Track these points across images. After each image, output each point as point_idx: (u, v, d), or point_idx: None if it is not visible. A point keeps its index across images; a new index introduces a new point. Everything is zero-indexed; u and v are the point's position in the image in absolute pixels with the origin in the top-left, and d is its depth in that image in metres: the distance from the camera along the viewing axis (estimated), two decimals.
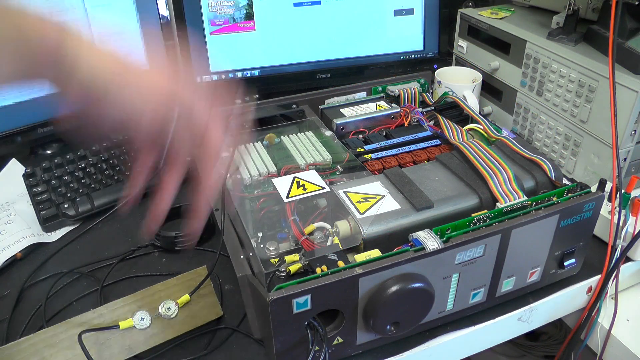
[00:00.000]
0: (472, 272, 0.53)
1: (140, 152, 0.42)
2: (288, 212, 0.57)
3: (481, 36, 0.94)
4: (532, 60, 0.82)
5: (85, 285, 0.65)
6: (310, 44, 1.02)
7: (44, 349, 0.53)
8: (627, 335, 0.65)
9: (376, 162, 0.67)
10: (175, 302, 0.57)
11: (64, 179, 0.77)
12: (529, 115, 0.85)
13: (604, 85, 0.69)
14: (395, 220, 0.54)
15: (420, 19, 1.05)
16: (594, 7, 0.81)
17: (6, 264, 0.67)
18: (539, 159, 0.61)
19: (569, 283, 0.63)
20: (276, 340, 0.46)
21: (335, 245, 0.53)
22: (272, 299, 0.43)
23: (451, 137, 0.70)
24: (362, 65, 1.05)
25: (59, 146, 0.94)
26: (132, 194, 0.42)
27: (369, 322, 0.49)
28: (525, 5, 0.97)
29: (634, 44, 0.69)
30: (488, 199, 0.57)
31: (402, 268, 0.48)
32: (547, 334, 1.26)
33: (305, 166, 0.66)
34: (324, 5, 0.99)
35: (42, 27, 0.35)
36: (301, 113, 0.79)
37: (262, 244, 0.55)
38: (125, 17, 0.89)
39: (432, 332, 0.56)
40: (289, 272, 0.49)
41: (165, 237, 0.69)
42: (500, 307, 0.59)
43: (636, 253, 0.65)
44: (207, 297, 0.59)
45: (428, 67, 1.04)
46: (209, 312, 0.58)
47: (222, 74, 1.00)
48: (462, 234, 0.50)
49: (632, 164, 0.73)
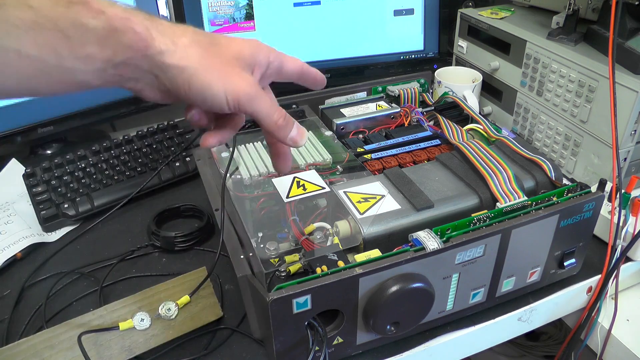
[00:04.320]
0: (472, 272, 0.53)
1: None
2: (288, 212, 0.57)
3: (481, 36, 0.94)
4: (532, 60, 0.82)
5: (85, 286, 0.65)
6: (310, 44, 1.02)
7: (44, 350, 0.53)
8: (627, 335, 0.65)
9: (376, 162, 0.67)
10: (175, 303, 0.57)
11: (64, 179, 0.77)
12: (529, 115, 0.85)
13: (604, 85, 0.69)
14: (395, 220, 0.54)
15: (420, 19, 1.05)
16: (594, 7, 0.81)
17: (6, 264, 0.67)
18: (539, 159, 0.61)
19: (569, 283, 0.63)
20: (276, 340, 0.46)
21: (335, 245, 0.53)
22: (272, 299, 0.43)
23: (451, 137, 0.70)
24: (362, 65, 1.05)
25: (59, 146, 0.94)
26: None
27: (369, 322, 0.49)
28: (525, 5, 0.97)
29: (634, 44, 0.69)
30: (488, 199, 0.57)
31: (402, 268, 0.48)
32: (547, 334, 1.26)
33: (305, 166, 0.65)
34: (324, 5, 0.99)
35: (130, 21, 0.33)
36: (301, 113, 0.79)
37: (262, 244, 0.55)
38: None
39: (432, 332, 0.56)
40: (289, 272, 0.49)
41: (165, 237, 0.69)
42: (500, 307, 0.59)
43: (636, 253, 0.65)
44: (207, 298, 0.59)
45: (428, 67, 1.04)
46: (209, 313, 0.58)
47: None
48: (462, 234, 0.50)
49: (632, 164, 0.73)
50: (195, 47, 0.36)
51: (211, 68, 0.36)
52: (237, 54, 0.38)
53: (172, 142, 0.87)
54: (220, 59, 0.37)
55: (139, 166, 0.82)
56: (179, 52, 0.35)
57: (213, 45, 0.37)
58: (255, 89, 0.38)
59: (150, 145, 0.85)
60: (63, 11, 0.31)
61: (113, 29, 0.32)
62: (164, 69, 0.35)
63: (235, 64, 0.38)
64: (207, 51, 0.36)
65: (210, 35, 0.38)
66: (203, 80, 0.35)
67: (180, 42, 0.35)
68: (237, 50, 0.38)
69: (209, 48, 0.37)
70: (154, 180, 0.80)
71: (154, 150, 0.85)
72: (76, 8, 0.31)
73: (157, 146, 0.86)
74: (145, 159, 0.83)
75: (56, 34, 0.31)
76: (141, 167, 0.82)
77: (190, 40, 0.36)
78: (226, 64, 0.37)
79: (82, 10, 0.32)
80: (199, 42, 0.36)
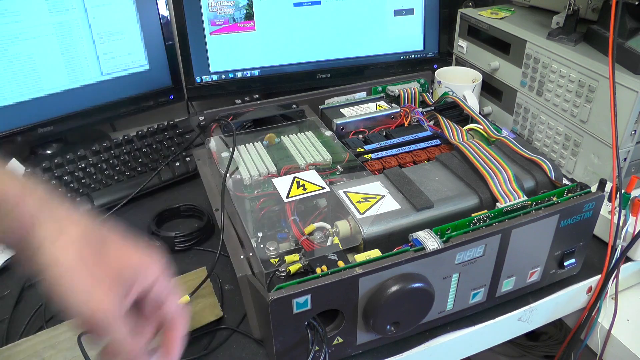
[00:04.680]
0: (472, 272, 0.53)
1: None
2: (288, 212, 0.57)
3: (481, 36, 0.94)
4: (532, 60, 0.82)
5: None
6: (310, 44, 1.02)
7: (44, 350, 0.53)
8: (627, 335, 0.65)
9: (376, 162, 0.67)
10: None
11: (64, 179, 0.77)
12: (529, 115, 0.85)
13: (604, 85, 0.69)
14: (395, 220, 0.54)
15: (420, 19, 1.05)
16: (594, 7, 0.81)
17: (6, 264, 0.67)
18: (539, 159, 0.61)
19: (569, 283, 0.63)
20: (276, 340, 0.46)
21: (335, 245, 0.53)
22: (272, 299, 0.43)
23: (451, 137, 0.70)
24: (362, 65, 1.05)
25: (59, 146, 0.94)
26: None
27: (369, 322, 0.49)
28: (525, 5, 0.97)
29: (634, 44, 0.69)
30: (488, 199, 0.57)
31: (402, 268, 0.48)
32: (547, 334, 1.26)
33: (305, 166, 0.65)
34: (324, 5, 0.99)
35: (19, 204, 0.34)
36: (301, 113, 0.79)
37: (262, 244, 0.55)
38: (125, 17, 0.89)
39: (432, 332, 0.56)
40: (289, 272, 0.49)
41: (165, 237, 0.69)
42: (500, 307, 0.59)
43: (636, 253, 0.65)
44: (207, 298, 0.59)
45: (428, 67, 1.04)
46: (209, 313, 0.58)
47: (222, 74, 1.00)
48: (462, 234, 0.50)
49: (632, 164, 0.73)
50: (76, 246, 0.34)
51: (81, 274, 0.34)
52: (119, 268, 0.36)
53: (172, 142, 0.87)
54: (98, 268, 0.35)
55: (139, 166, 0.82)
56: (58, 245, 0.34)
57: (98, 251, 0.36)
58: (113, 314, 0.35)
59: (150, 145, 0.85)
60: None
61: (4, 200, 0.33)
62: (38, 255, 0.34)
63: (110, 279, 0.35)
64: (87, 255, 0.35)
65: (102, 239, 0.37)
66: (68, 284, 0.34)
67: (65, 234, 0.34)
68: (121, 264, 0.37)
69: (91, 253, 0.35)
70: (154, 180, 0.80)
71: (154, 150, 0.85)
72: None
73: (157, 146, 0.86)
74: (145, 159, 0.83)
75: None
76: (141, 167, 0.82)
77: (76, 236, 0.35)
78: (100, 276, 0.35)
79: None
80: (86, 241, 0.35)
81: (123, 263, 0.37)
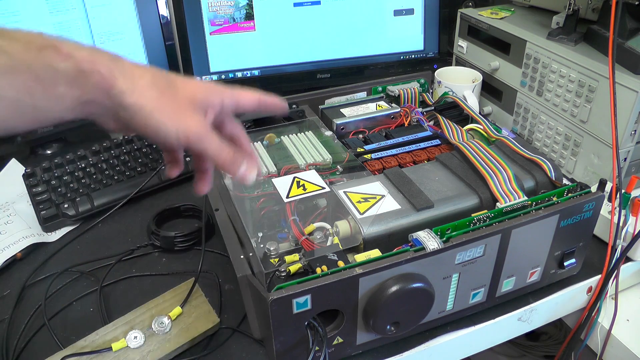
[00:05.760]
0: (472, 272, 0.53)
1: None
2: (288, 212, 0.57)
3: (481, 36, 0.94)
4: (532, 60, 0.82)
5: (85, 285, 0.65)
6: (310, 44, 1.02)
7: None
8: (627, 335, 0.65)
9: (376, 162, 0.67)
10: (168, 316, 0.56)
11: (64, 179, 0.77)
12: (529, 115, 0.85)
13: (604, 85, 0.69)
14: (395, 220, 0.54)
15: (420, 19, 1.05)
16: (594, 7, 0.81)
17: (6, 264, 0.67)
18: (539, 159, 0.61)
19: (569, 283, 0.63)
20: (276, 340, 0.46)
21: (335, 245, 0.53)
22: (272, 299, 0.43)
23: (451, 137, 0.70)
24: (362, 65, 1.05)
25: (59, 146, 0.94)
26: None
27: (369, 322, 0.49)
28: (525, 5, 0.97)
29: (634, 44, 0.69)
30: (488, 199, 0.57)
31: (402, 268, 0.48)
32: (547, 334, 1.26)
33: (305, 166, 0.65)
34: (324, 5, 0.99)
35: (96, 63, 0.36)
36: (301, 113, 0.79)
37: (262, 244, 0.55)
38: (125, 17, 0.89)
39: (432, 332, 0.56)
40: (289, 272, 0.49)
41: (165, 237, 0.69)
42: (500, 307, 0.59)
43: (636, 253, 0.65)
44: (200, 306, 0.59)
45: (428, 67, 1.04)
46: (205, 321, 0.57)
47: (222, 74, 1.00)
48: (462, 234, 0.50)
49: (632, 164, 0.73)
50: (152, 88, 0.39)
51: (165, 109, 0.39)
52: (191, 97, 0.41)
53: None
54: (175, 100, 0.40)
55: (139, 166, 0.82)
56: (137, 93, 0.38)
57: (169, 87, 0.40)
58: (204, 129, 0.40)
59: (150, 145, 0.85)
60: (35, 55, 0.34)
61: (81, 71, 0.35)
62: (124, 107, 0.37)
63: (188, 106, 0.40)
64: (163, 93, 0.39)
65: (167, 78, 0.41)
66: (157, 119, 0.38)
67: (139, 83, 0.38)
68: (191, 92, 0.41)
69: (165, 90, 0.39)
70: (154, 180, 0.80)
71: (154, 150, 0.85)
72: (47, 52, 0.35)
73: (157, 146, 0.86)
74: (145, 159, 0.83)
75: (30, 76, 0.34)
76: (141, 167, 0.82)
77: (148, 82, 0.39)
78: (179, 106, 0.40)
79: (53, 54, 0.35)
80: (157, 84, 0.39)
81: (193, 93, 0.41)
